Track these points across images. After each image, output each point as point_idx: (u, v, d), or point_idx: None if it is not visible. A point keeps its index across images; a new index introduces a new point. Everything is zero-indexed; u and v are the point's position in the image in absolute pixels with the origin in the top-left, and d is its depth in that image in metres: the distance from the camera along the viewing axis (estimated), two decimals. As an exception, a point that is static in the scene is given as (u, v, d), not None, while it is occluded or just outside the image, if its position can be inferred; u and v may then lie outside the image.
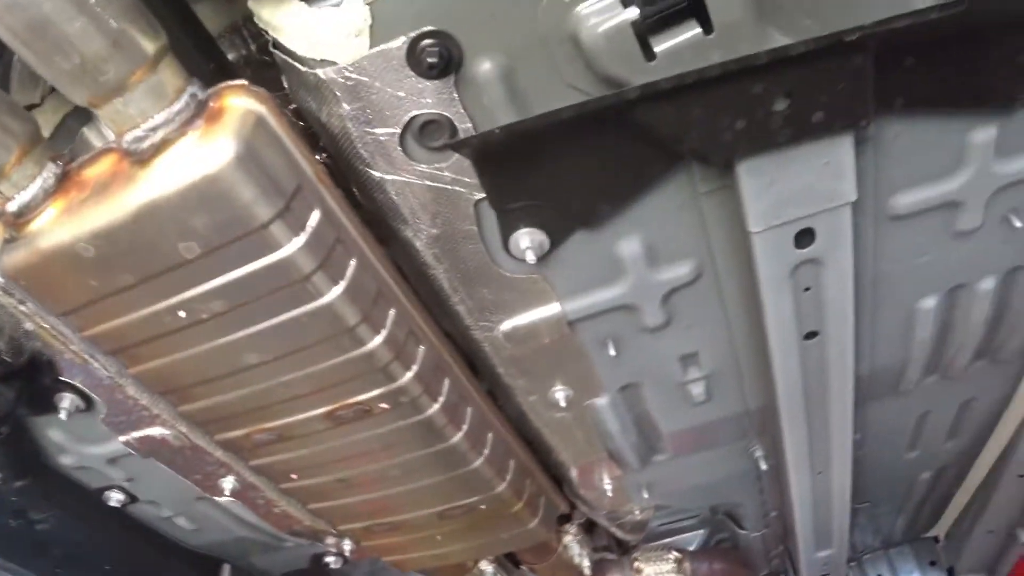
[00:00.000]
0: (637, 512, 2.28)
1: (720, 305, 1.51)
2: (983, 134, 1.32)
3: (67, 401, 1.49)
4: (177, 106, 1.01)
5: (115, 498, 1.86)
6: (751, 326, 1.55)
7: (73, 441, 1.67)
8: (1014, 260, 1.58)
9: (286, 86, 1.22)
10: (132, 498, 1.89)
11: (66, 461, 1.73)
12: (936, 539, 2.90)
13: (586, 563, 2.23)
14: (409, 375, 1.38)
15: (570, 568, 2.22)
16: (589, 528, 2.45)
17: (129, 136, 1.00)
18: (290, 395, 1.38)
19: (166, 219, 1.03)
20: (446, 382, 1.49)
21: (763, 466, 1.96)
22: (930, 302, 1.62)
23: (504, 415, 1.76)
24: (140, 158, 1.02)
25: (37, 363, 1.41)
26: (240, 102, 1.05)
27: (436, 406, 1.47)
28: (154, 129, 1.01)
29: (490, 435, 1.66)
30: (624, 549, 2.58)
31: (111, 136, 1.06)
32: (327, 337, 1.26)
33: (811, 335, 1.52)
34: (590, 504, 2.15)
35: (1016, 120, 1.31)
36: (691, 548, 2.55)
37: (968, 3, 1.01)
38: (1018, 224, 1.47)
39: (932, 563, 2.90)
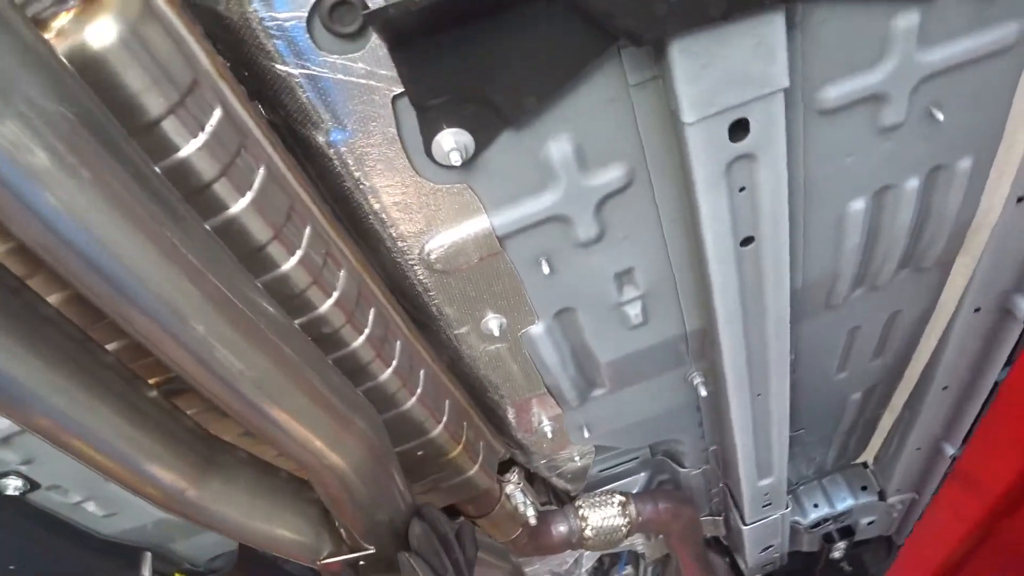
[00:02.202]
0: (577, 458, 2.22)
1: (654, 213, 1.45)
2: (905, 21, 1.30)
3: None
4: (49, -21, 0.87)
5: (12, 486, 1.67)
6: (686, 235, 1.50)
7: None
8: (936, 158, 1.58)
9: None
10: (32, 484, 1.70)
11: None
12: (865, 464, 2.96)
13: (531, 512, 2.15)
14: (330, 302, 1.27)
15: (514, 519, 2.14)
16: (530, 482, 2.38)
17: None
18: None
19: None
20: (371, 311, 1.38)
21: (703, 392, 1.92)
22: (858, 204, 1.60)
23: (435, 352, 1.67)
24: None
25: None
26: (125, -21, 0.92)
27: (361, 338, 1.36)
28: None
29: (422, 372, 1.56)
30: (563, 501, 2.53)
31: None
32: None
33: (747, 241, 1.48)
34: (529, 450, 2.08)
35: (937, 6, 1.30)
36: (633, 492, 2.52)
37: None
38: (940, 117, 1.46)
39: (864, 488, 2.95)
